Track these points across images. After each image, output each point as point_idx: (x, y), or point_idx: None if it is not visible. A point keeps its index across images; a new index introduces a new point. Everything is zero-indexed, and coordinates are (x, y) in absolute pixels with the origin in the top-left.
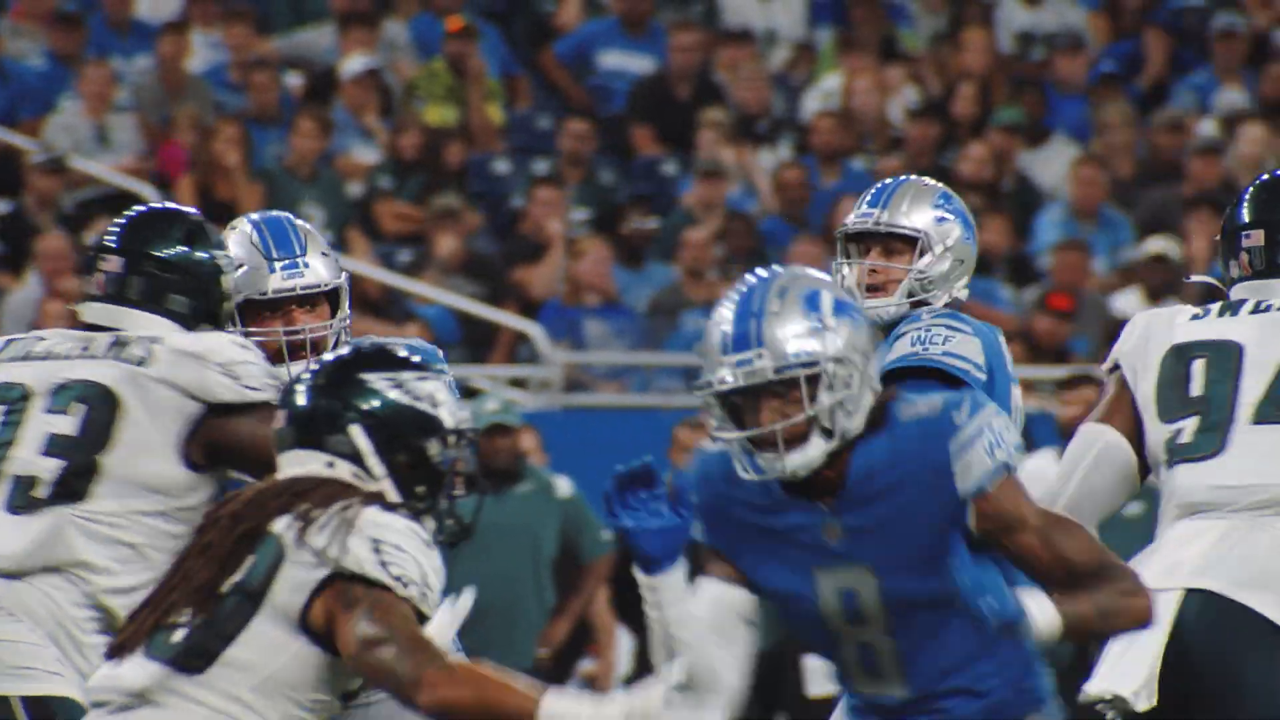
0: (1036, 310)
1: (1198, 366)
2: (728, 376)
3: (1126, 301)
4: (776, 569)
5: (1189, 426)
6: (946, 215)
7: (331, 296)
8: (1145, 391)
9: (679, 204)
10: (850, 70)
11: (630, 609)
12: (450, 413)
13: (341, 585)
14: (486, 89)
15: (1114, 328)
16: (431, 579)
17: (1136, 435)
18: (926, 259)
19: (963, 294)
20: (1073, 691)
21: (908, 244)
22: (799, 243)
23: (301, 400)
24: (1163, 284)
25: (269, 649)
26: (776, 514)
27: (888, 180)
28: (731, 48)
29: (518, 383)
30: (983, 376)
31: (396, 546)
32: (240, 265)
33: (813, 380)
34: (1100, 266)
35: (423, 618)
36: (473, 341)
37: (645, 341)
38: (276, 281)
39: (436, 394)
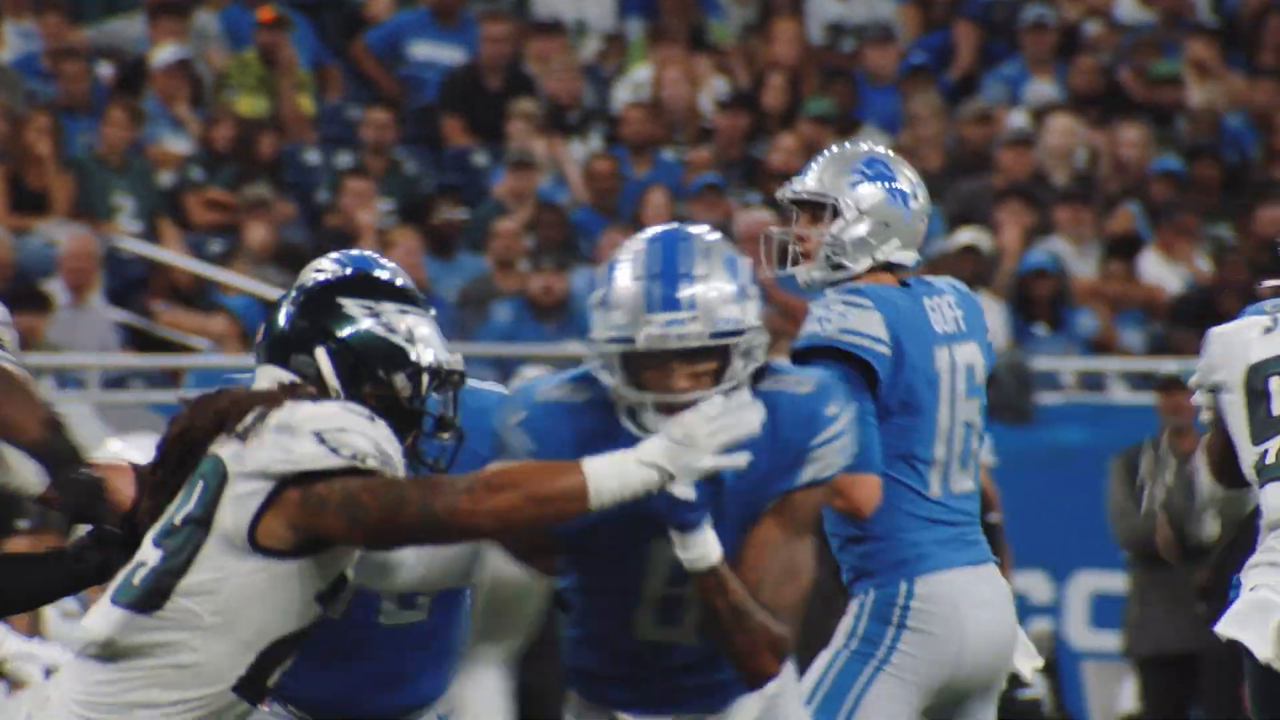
0: None
1: (1274, 385)
2: (656, 335)
3: None
4: (607, 532)
5: (1273, 447)
6: (864, 178)
7: None
8: (1236, 421)
9: (489, 194)
10: (660, 61)
11: None
12: (427, 350)
13: (296, 493)
14: (298, 79)
15: None
16: (386, 446)
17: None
18: (838, 223)
19: (901, 256)
20: None
21: (824, 210)
22: (610, 233)
23: (279, 317)
24: (973, 275)
25: (223, 572)
26: None
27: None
28: (542, 39)
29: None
30: (884, 350)
31: (339, 429)
32: None
33: (733, 348)
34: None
35: None
36: None
37: (455, 332)
38: None
39: (416, 329)
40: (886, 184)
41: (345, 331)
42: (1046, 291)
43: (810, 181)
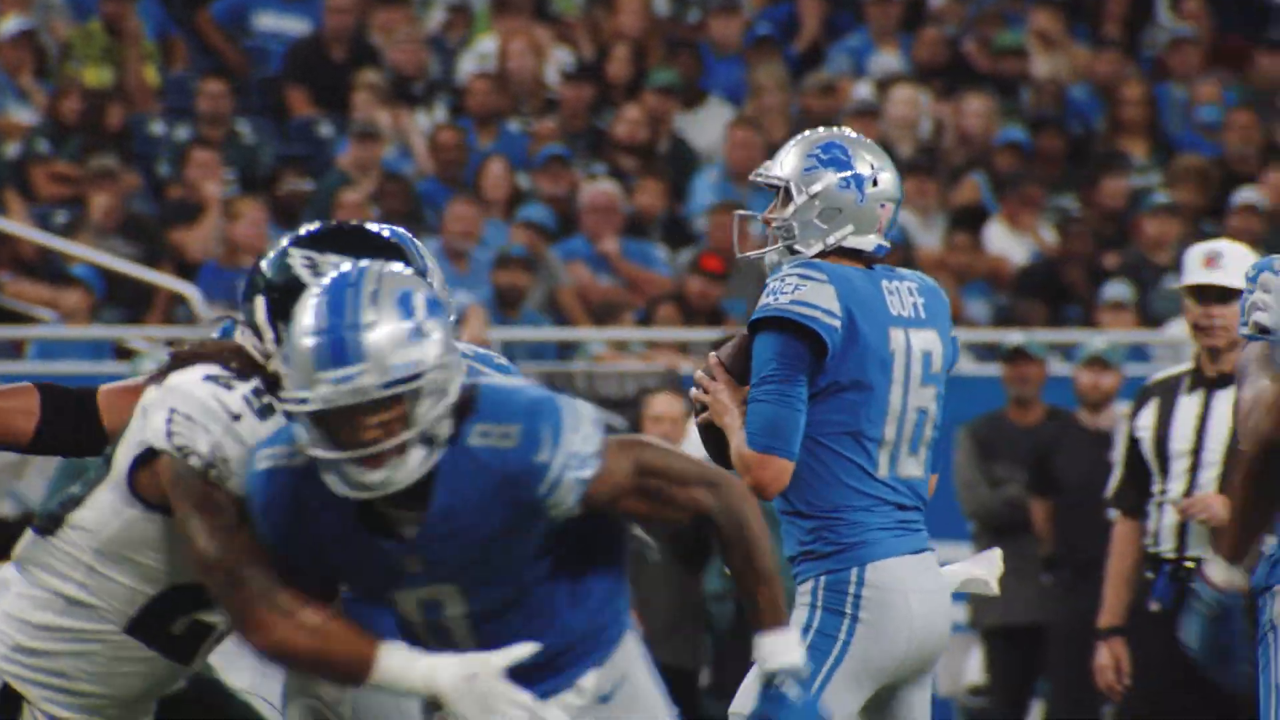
0: (690, 272)
1: None
2: (328, 394)
3: None
4: (354, 582)
5: None
6: (818, 163)
7: None
8: None
9: (334, 165)
10: (505, 32)
11: None
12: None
13: (167, 463)
14: (143, 51)
15: None
16: (226, 452)
17: None
18: (790, 207)
19: (858, 241)
20: None
21: (786, 193)
22: (455, 204)
23: None
24: None
25: (106, 513)
26: (354, 546)
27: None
28: (386, 10)
29: (174, 344)
30: (835, 323)
31: (188, 417)
32: None
33: (415, 392)
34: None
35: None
36: (129, 302)
37: None
38: None
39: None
40: (840, 170)
41: (278, 279)
42: (892, 263)
43: (775, 166)
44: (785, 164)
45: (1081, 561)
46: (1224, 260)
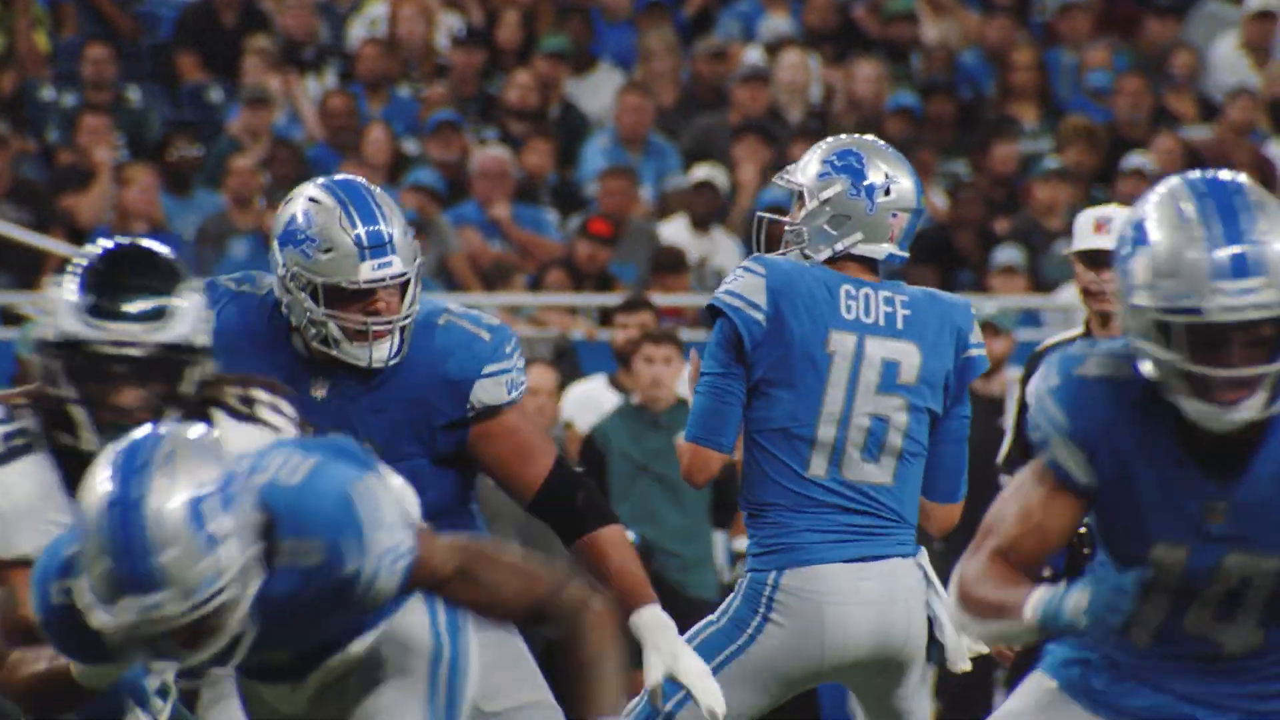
0: (578, 236)
1: None
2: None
3: (674, 229)
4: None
5: None
6: (831, 170)
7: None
8: None
9: (225, 131)
10: None
11: None
12: (49, 322)
13: None
14: (34, 16)
15: (660, 255)
16: None
17: None
18: (802, 213)
19: (867, 249)
20: None
21: (797, 198)
22: (345, 169)
23: None
24: (710, 211)
25: None
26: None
27: None
28: None
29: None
30: (756, 315)
31: None
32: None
33: (220, 606)
34: (648, 194)
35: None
36: (20, 269)
37: (193, 269)
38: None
39: (57, 297)
40: (851, 177)
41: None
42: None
43: (797, 171)
44: (806, 169)
45: (973, 527)
46: (1114, 225)
